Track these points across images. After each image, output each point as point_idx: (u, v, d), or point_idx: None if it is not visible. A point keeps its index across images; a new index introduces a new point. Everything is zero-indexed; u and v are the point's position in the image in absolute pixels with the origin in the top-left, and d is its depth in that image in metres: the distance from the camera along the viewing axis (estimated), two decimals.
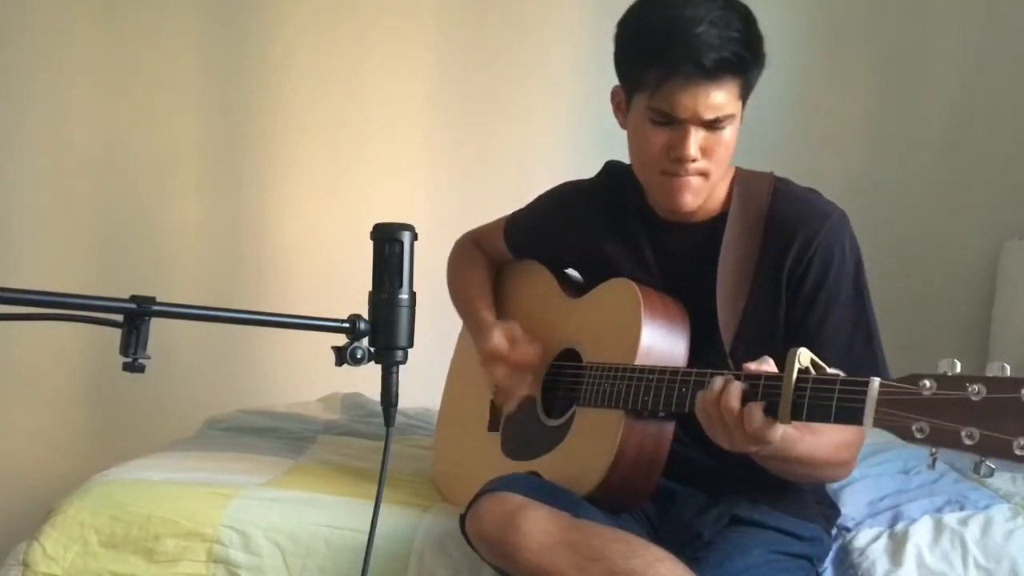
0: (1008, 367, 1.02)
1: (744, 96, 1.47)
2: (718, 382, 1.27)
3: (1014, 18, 2.77)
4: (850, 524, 1.68)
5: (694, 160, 1.46)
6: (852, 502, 1.76)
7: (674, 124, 1.46)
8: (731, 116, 1.46)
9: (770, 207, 1.53)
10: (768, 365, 1.26)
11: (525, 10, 2.86)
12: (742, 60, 1.42)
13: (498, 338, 1.68)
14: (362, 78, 2.86)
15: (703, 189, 1.51)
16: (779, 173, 1.61)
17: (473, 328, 1.82)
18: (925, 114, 2.81)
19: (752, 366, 1.26)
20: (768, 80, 1.50)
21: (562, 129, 2.76)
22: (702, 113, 1.43)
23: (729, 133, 1.47)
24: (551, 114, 2.82)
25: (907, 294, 2.76)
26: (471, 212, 1.95)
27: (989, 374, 1.03)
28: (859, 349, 1.48)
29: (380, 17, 2.85)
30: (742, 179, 1.58)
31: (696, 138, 1.45)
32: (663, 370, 1.40)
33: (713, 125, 1.45)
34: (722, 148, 1.48)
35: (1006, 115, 2.78)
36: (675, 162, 1.48)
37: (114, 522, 1.63)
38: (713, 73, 1.41)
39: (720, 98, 1.43)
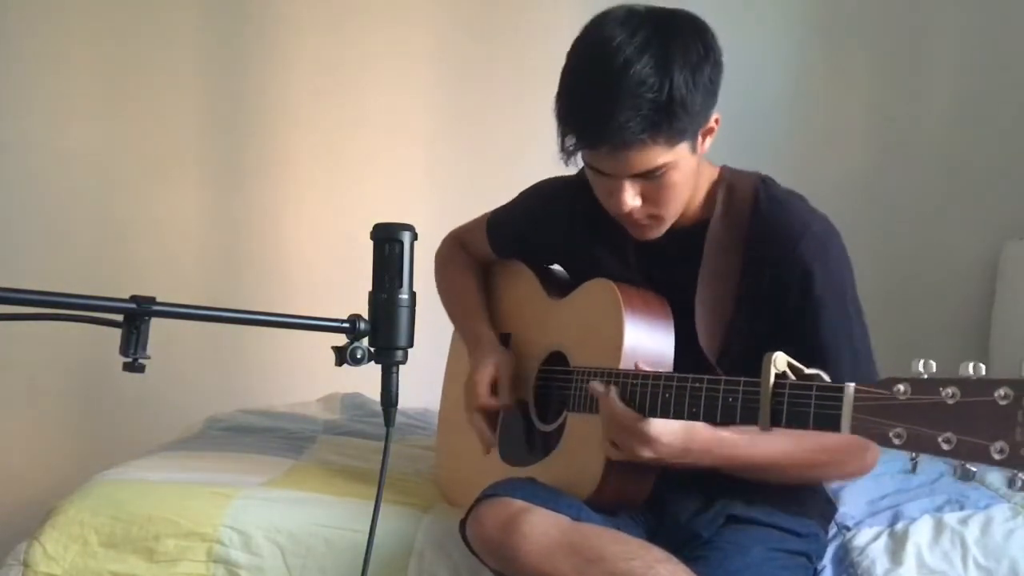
0: (983, 367, 0.99)
1: (683, 141, 1.41)
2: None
3: (1014, 18, 2.77)
4: (850, 523, 1.68)
5: (630, 209, 1.44)
6: (852, 501, 1.76)
7: (608, 175, 1.44)
8: (666, 165, 1.41)
9: (751, 216, 1.50)
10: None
11: (524, 10, 2.86)
12: (656, 124, 1.36)
13: (483, 382, 1.67)
14: (362, 78, 2.86)
15: (662, 225, 1.50)
16: (779, 173, 1.58)
17: (470, 338, 1.81)
18: (925, 114, 2.81)
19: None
20: (768, 80, 1.49)
21: None
22: (626, 172, 1.41)
23: (673, 178, 1.43)
24: (551, 113, 2.81)
25: (907, 294, 2.76)
26: (470, 212, 1.95)
27: (963, 374, 1.00)
28: (846, 365, 1.43)
29: (380, 17, 2.85)
30: (727, 181, 1.55)
31: (632, 190, 1.43)
32: (646, 375, 1.39)
33: (648, 175, 1.42)
34: (667, 192, 1.44)
35: (1006, 115, 2.78)
36: (618, 210, 1.47)
37: (114, 522, 1.63)
38: (624, 147, 1.38)
39: (643, 158, 1.39)
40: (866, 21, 2.82)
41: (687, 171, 1.45)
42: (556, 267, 1.80)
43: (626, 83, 1.35)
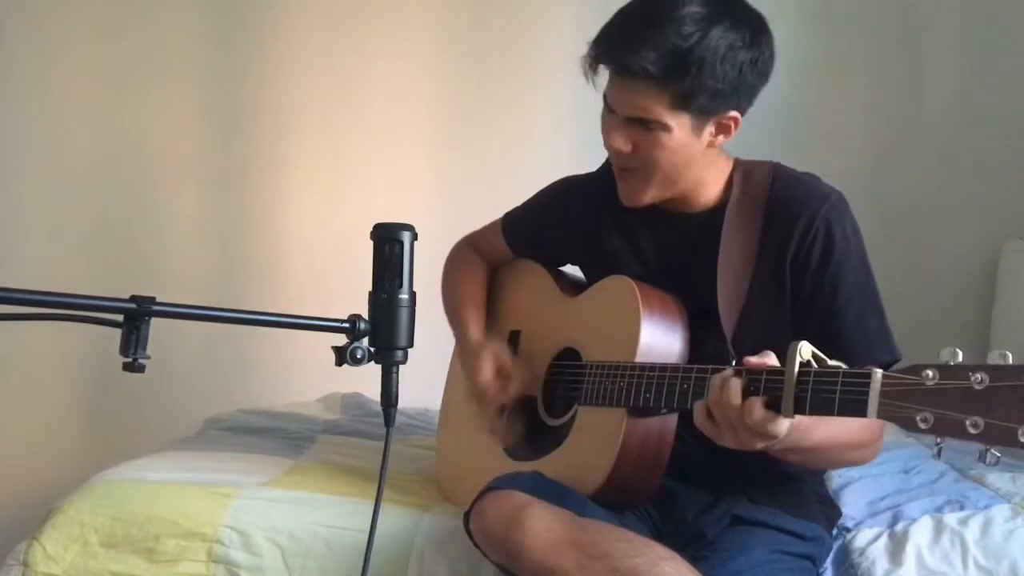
0: (1010, 355, 1.02)
1: (687, 111, 1.43)
2: (716, 381, 1.25)
3: (1014, 17, 2.77)
4: (850, 524, 1.67)
5: (618, 151, 1.48)
6: (852, 502, 1.77)
7: (613, 113, 1.48)
8: (658, 122, 1.43)
9: (769, 192, 1.53)
10: (770, 359, 1.25)
11: (525, 10, 2.86)
12: (669, 71, 1.38)
13: (487, 372, 1.68)
14: (363, 78, 2.86)
15: (640, 187, 1.52)
16: None
17: (460, 343, 1.82)
18: (925, 114, 2.81)
19: (753, 360, 1.25)
20: (768, 79, 1.49)
21: (563, 128, 2.76)
22: (621, 108, 1.45)
23: (663, 140, 1.45)
24: (552, 113, 2.82)
25: (907, 294, 2.75)
26: (471, 212, 1.95)
27: (991, 362, 1.03)
28: (872, 324, 1.48)
29: (380, 17, 2.85)
30: (741, 168, 1.58)
31: (625, 133, 1.47)
32: (663, 367, 1.40)
33: (642, 124, 1.45)
34: (650, 149, 1.47)
35: (1006, 115, 2.78)
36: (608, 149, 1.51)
37: (114, 522, 1.63)
38: (626, 74, 1.41)
39: (638, 100, 1.42)
40: (866, 20, 2.82)
41: (678, 147, 1.47)
42: (568, 267, 1.81)
43: (666, 20, 1.38)
